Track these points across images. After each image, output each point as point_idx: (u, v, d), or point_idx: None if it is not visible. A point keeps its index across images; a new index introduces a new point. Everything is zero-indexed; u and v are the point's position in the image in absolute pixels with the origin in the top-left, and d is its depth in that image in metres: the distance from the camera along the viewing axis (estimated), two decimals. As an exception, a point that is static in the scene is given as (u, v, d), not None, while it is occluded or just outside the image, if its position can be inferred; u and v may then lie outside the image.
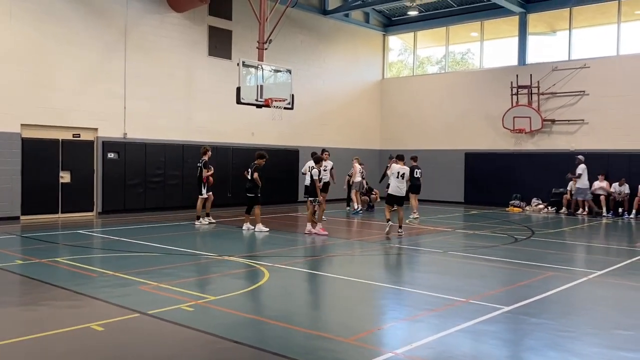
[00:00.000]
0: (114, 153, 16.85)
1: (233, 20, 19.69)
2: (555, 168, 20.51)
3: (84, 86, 16.17)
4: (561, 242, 13.20)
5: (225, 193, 19.27)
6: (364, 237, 13.59)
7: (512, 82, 21.50)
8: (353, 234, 14.38)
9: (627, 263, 10.32)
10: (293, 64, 19.23)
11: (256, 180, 13.56)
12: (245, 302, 7.28)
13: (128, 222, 14.99)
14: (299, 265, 9.79)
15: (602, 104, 19.95)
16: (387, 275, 9.56)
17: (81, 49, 16.06)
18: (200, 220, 14.85)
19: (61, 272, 8.87)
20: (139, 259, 9.96)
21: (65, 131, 15.95)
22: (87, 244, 11.83)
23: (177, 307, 6.66)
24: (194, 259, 10.03)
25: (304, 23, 21.99)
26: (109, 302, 6.89)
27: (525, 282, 8.57)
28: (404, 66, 26.64)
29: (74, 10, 15.93)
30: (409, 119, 24.88)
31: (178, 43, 18.29)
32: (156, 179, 17.72)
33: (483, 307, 6.96)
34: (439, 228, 15.05)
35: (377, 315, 7.03)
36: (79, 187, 16.18)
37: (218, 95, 18.96)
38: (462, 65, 25.02)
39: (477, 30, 23.47)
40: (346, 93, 24.25)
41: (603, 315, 6.93)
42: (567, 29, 21.19)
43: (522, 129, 21.27)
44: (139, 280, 8.08)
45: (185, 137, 18.50)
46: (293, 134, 21.56)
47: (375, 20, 25.20)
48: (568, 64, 20.80)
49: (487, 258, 10.61)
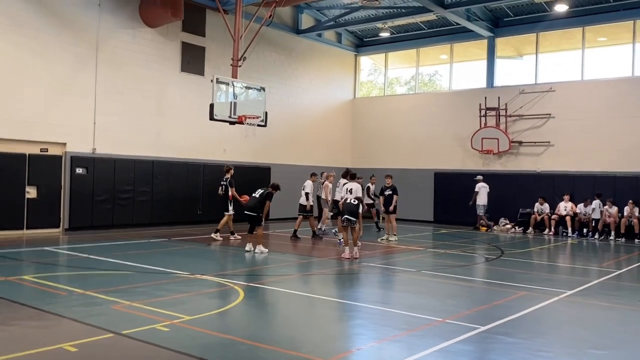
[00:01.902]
0: (82, 168, 16.53)
1: (206, 36, 19.65)
2: (522, 188, 20.94)
3: (53, 100, 15.87)
4: (530, 262, 13.42)
5: (196, 210, 19.08)
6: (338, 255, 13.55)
7: (481, 104, 21.94)
8: (328, 252, 14.33)
9: (596, 283, 10.55)
10: (267, 81, 19.27)
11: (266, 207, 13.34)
12: (221, 322, 7.18)
13: (96, 239, 14.66)
14: (274, 284, 9.71)
15: (567, 127, 20.50)
16: (363, 294, 9.55)
17: (50, 62, 15.78)
18: (235, 236, 15.25)
19: (29, 290, 8.61)
20: (109, 277, 9.74)
21: (32, 145, 15.59)
22: (54, 261, 11.52)
23: (152, 327, 6.52)
24: (167, 277, 9.85)
25: (277, 42, 22.09)
26: (81, 321, 6.70)
27: (499, 301, 8.67)
28: (373, 86, 26.95)
29: (44, 22, 15.67)
30: (379, 138, 25.12)
31: (150, 58, 18.14)
32: (125, 195, 17.42)
33: (460, 327, 7.00)
34: (410, 247, 15.14)
35: (356, 336, 7.00)
36: (45, 203, 15.79)
37: (190, 112, 18.83)
38: (429, 87, 25.43)
39: (447, 53, 23.94)
40: (318, 111, 24.39)
41: (577, 335, 7.04)
42: (534, 53, 21.78)
43: (490, 149, 21.67)
44: (111, 299, 7.89)
45: (156, 153, 18.27)
46: (265, 151, 21.52)
47: (348, 41, 25.48)
48: (534, 87, 21.35)
49: (461, 277, 10.71)
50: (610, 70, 20.26)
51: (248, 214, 13.29)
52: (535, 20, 21.28)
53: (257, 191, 13.55)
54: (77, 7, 16.32)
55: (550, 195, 20.18)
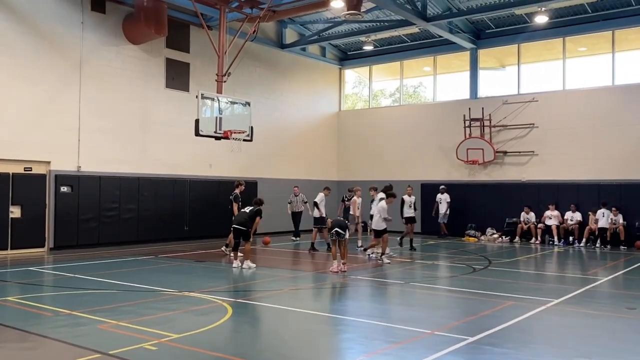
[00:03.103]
0: (67, 187, 16.39)
1: (191, 52, 19.67)
2: (508, 198, 21.10)
3: (37, 118, 15.76)
4: (517, 272, 13.50)
5: (183, 226, 18.98)
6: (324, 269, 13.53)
7: (465, 114, 22.12)
8: (316, 266, 14.30)
9: (582, 291, 10.62)
10: (252, 96, 19.30)
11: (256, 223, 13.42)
12: (210, 339, 7.12)
13: (82, 258, 14.52)
14: (262, 299, 9.66)
15: (551, 136, 20.73)
16: (352, 308, 9.52)
17: (34, 80, 15.70)
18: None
19: (12, 311, 8.49)
20: (95, 297, 9.64)
21: (16, 164, 15.45)
22: (39, 281, 11.38)
23: (140, 346, 6.46)
24: (153, 296, 9.77)
25: (262, 57, 22.16)
26: (67, 342, 6.62)
27: (487, 312, 8.69)
28: (358, 98, 27.09)
29: (27, 41, 15.60)
30: (365, 151, 25.21)
31: (135, 75, 18.11)
32: (111, 212, 17.28)
33: (448, 338, 7.01)
34: (398, 259, 15.16)
35: (345, 350, 6.98)
36: (29, 222, 15.62)
37: (175, 128, 18.79)
38: (414, 99, 25.61)
39: (430, 65, 24.15)
40: (304, 125, 24.44)
41: (563, 343, 7.07)
42: (516, 64, 22.04)
43: (476, 160, 21.83)
44: (97, 318, 7.81)
45: (141, 169, 18.18)
46: (251, 165, 21.50)
47: (332, 54, 25.63)
48: (518, 97, 21.58)
49: (449, 288, 10.73)
50: (591, 79, 20.55)
51: (237, 228, 13.26)
52: (516, 31, 21.56)
53: (246, 207, 13.57)
54: (60, 25, 16.28)
55: (536, 203, 20.34)
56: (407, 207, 16.97)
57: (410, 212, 17.00)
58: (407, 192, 17.19)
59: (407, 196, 17.08)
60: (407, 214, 16.98)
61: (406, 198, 17.03)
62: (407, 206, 16.97)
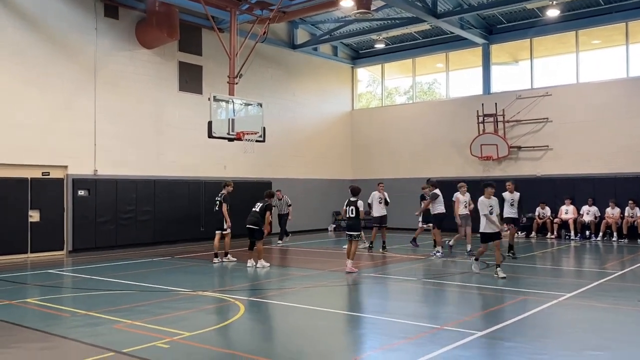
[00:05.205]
0: (84, 190, 16.68)
1: (203, 55, 19.87)
2: (523, 193, 20.82)
3: (54, 123, 16.05)
4: (532, 266, 13.45)
5: (198, 227, 19.17)
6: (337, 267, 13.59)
7: (478, 110, 22.04)
8: (328, 265, 14.37)
9: (596, 285, 10.57)
10: (264, 97, 19.44)
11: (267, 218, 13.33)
12: (222, 337, 7.24)
13: (99, 260, 14.77)
14: (274, 297, 9.77)
15: (565, 130, 20.57)
16: (362, 304, 9.60)
17: (49, 86, 15.98)
18: (229, 257, 14.39)
19: (32, 313, 8.71)
20: (111, 297, 9.83)
21: (34, 169, 15.76)
22: (57, 283, 11.61)
23: (153, 345, 6.59)
24: (168, 295, 9.93)
25: (273, 57, 22.30)
26: (83, 341, 6.79)
27: (498, 306, 8.71)
28: (372, 97, 27.11)
29: (42, 48, 15.88)
30: (379, 149, 25.22)
31: (148, 79, 18.35)
32: (127, 215, 17.53)
33: (458, 333, 7.05)
34: (411, 256, 15.17)
35: (354, 345, 7.06)
36: (48, 226, 15.92)
37: (189, 130, 18.99)
38: (429, 95, 25.57)
39: (443, 61, 24.09)
40: (317, 124, 24.53)
41: (574, 337, 7.08)
42: (529, 58, 21.90)
43: (490, 156, 21.73)
44: (113, 318, 7.97)
45: (157, 172, 18.41)
46: (265, 165, 21.65)
47: (343, 53, 25.68)
48: (531, 92, 21.45)
49: (461, 284, 10.75)
50: (605, 72, 20.35)
51: (250, 228, 13.37)
52: (528, 25, 21.42)
53: (256, 205, 13.63)
54: (74, 32, 16.55)
55: (552, 198, 20.20)
56: (509, 205, 14.33)
57: (512, 212, 14.39)
58: (508, 189, 14.50)
59: (509, 193, 14.43)
60: (508, 214, 14.30)
61: (507, 195, 14.38)
62: (509, 205, 14.33)
